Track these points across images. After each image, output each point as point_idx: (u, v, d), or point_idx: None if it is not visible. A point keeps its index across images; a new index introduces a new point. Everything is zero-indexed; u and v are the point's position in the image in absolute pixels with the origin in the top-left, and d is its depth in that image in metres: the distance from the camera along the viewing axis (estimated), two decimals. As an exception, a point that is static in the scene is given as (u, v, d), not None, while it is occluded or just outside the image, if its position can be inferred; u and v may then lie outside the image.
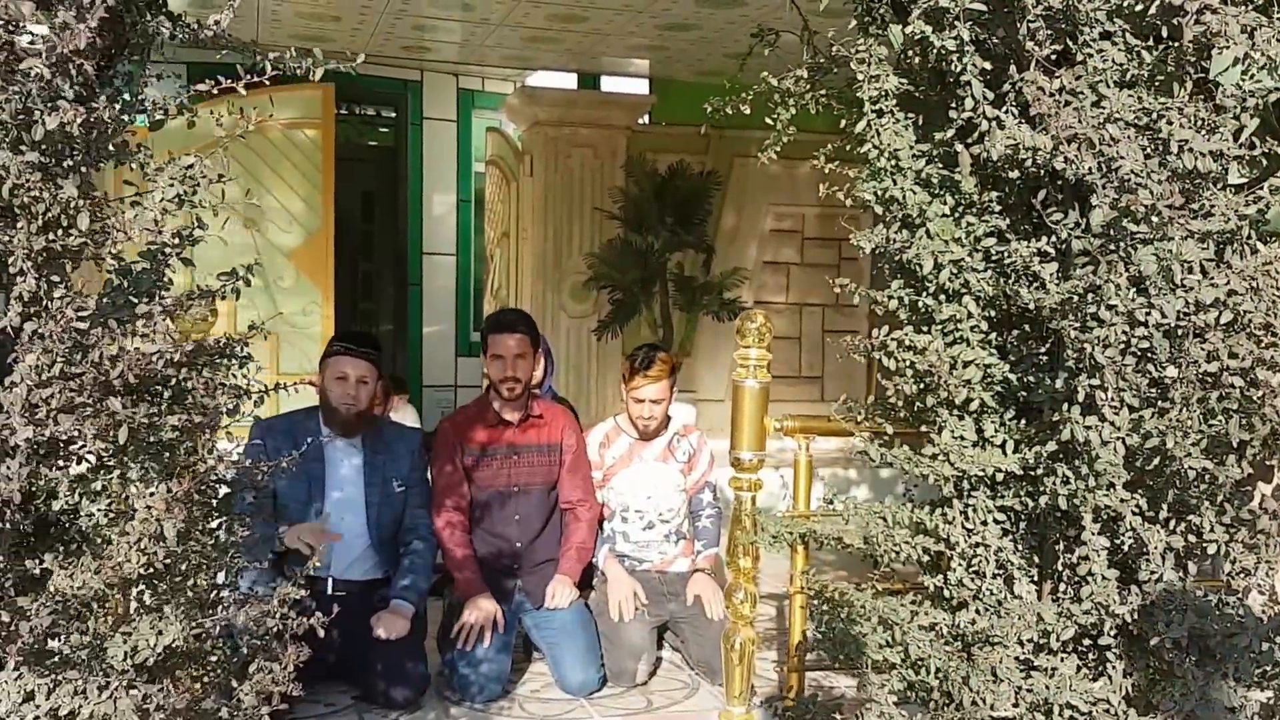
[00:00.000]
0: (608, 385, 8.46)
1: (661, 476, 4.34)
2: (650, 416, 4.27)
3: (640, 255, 7.69)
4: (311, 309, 8.00)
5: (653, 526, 4.36)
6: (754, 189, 8.66)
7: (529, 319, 4.25)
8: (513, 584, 4.20)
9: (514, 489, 4.17)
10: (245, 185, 7.81)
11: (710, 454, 4.46)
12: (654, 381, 4.23)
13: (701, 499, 4.48)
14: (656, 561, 4.38)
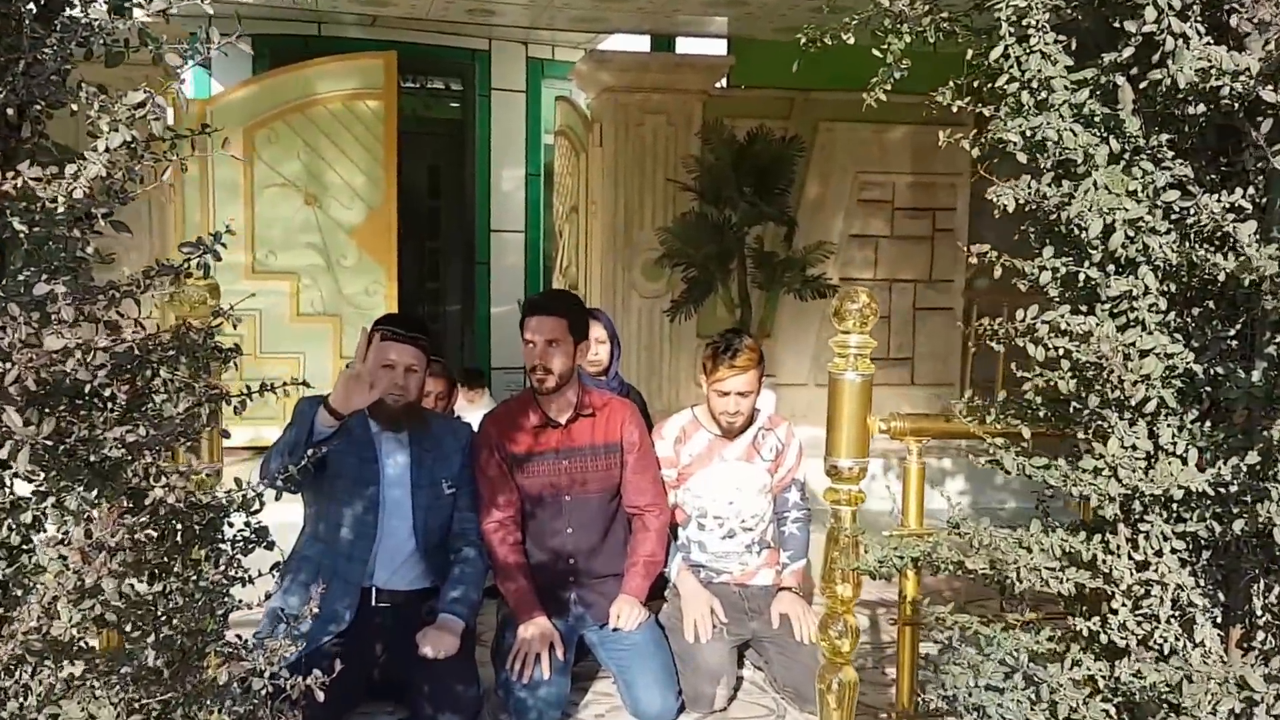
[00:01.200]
0: (680, 369, 7.89)
1: (745, 478, 3.74)
2: (736, 412, 3.68)
3: (716, 229, 7.09)
4: (375, 289, 7.54)
5: (733, 535, 3.77)
6: (840, 156, 8.01)
7: (570, 299, 3.68)
8: (569, 595, 3.65)
9: (566, 497, 3.60)
10: (306, 160, 7.38)
11: (799, 447, 3.85)
12: (741, 372, 3.63)
13: (786, 499, 3.88)
14: (736, 573, 3.78)
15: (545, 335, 3.45)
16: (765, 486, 3.76)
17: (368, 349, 3.27)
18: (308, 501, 3.42)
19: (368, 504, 3.28)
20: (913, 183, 8.20)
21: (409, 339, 3.39)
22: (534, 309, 3.52)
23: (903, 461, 3.34)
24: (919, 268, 8.30)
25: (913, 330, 8.33)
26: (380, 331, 3.37)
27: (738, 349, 3.64)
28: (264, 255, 7.38)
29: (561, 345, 3.46)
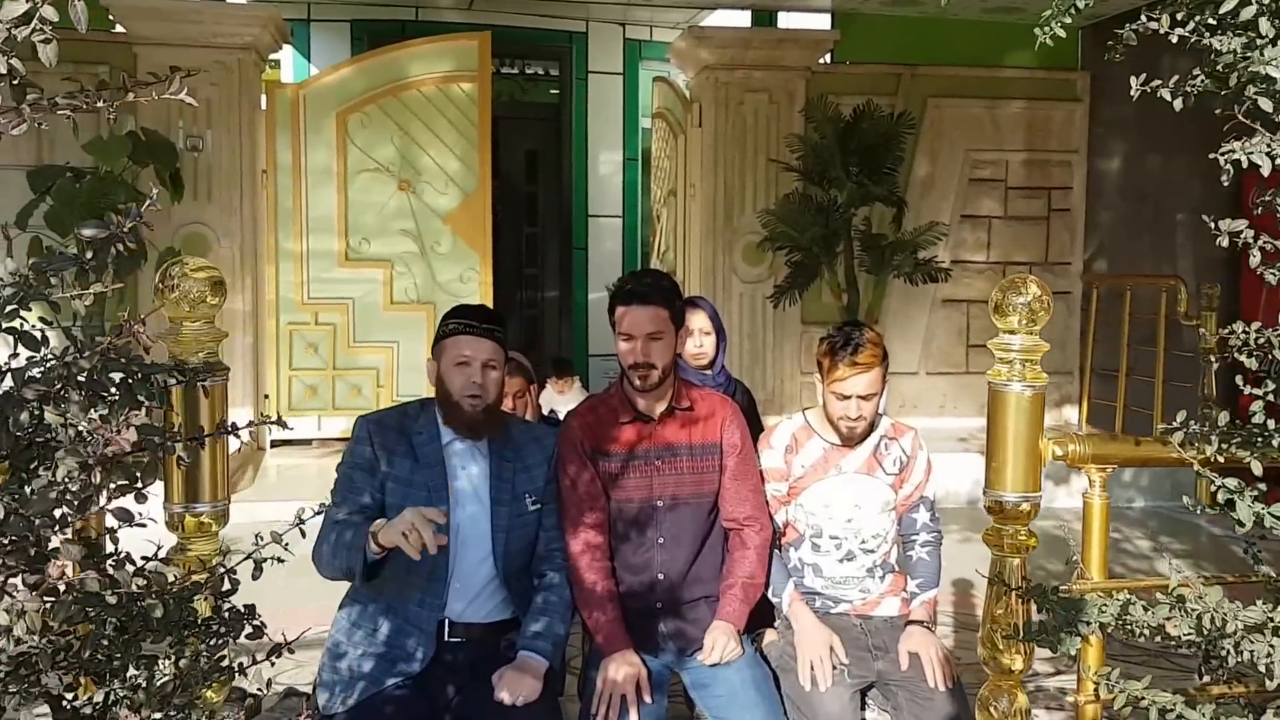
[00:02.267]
0: (784, 358, 7.49)
1: (866, 493, 3.20)
2: (858, 417, 3.11)
3: (822, 211, 6.68)
4: (469, 275, 7.28)
5: (853, 558, 3.22)
6: (950, 134, 7.52)
7: (667, 283, 3.12)
8: (660, 625, 3.11)
9: (657, 503, 3.09)
10: (399, 144, 7.15)
11: (928, 462, 3.33)
12: (863, 371, 3.06)
13: (914, 520, 3.31)
14: (857, 603, 3.21)
15: (646, 329, 3.01)
16: (889, 504, 3.22)
17: (438, 366, 2.89)
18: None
19: (440, 529, 2.80)
20: (1026, 160, 7.69)
21: (484, 332, 2.91)
22: (629, 298, 3.03)
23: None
24: (1034, 250, 7.78)
25: (1028, 316, 7.80)
26: (451, 325, 2.93)
27: (859, 344, 3.07)
28: (357, 242, 7.17)
29: (664, 338, 3.02)
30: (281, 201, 7.07)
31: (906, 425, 3.31)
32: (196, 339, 2.21)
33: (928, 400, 7.63)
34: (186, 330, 2.21)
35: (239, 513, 5.76)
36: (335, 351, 7.21)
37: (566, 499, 3.02)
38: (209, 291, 2.21)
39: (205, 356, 2.16)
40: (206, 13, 6.66)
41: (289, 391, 7.16)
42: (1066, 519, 6.15)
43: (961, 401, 7.68)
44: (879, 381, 3.09)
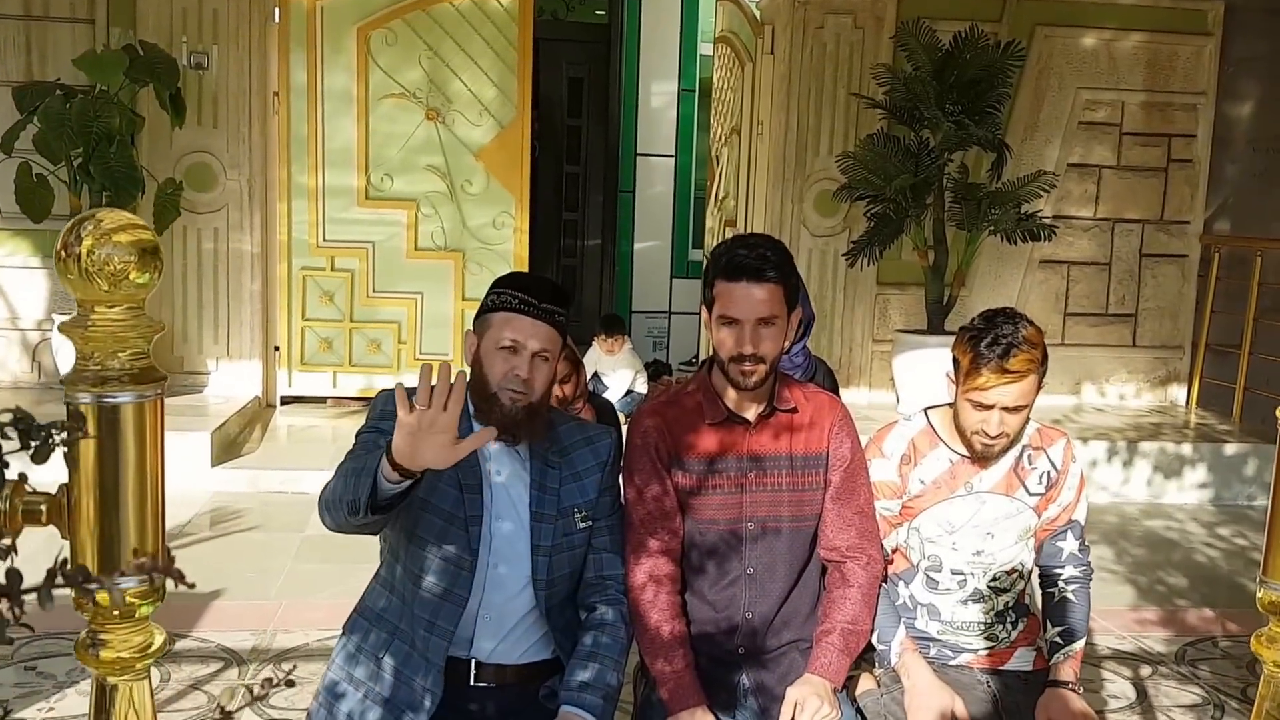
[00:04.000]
0: (854, 323, 7.00)
1: (1002, 519, 2.68)
2: (999, 435, 2.57)
3: (911, 155, 6.15)
4: (504, 220, 6.82)
5: (980, 599, 2.72)
6: (1059, 69, 6.96)
7: (784, 254, 2.55)
8: (740, 679, 2.62)
9: (748, 524, 2.59)
10: (428, 67, 6.67)
11: (1081, 477, 2.74)
12: (1015, 380, 2.50)
13: (1059, 549, 2.75)
14: (982, 653, 2.73)
15: (757, 313, 2.47)
16: (1028, 531, 2.70)
17: (478, 344, 2.37)
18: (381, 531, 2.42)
19: (465, 546, 2.33)
20: (1145, 102, 7.13)
21: (543, 314, 2.36)
22: (737, 271, 2.49)
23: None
24: (1148, 206, 7.22)
25: (1138, 280, 7.29)
26: (502, 297, 2.38)
27: (1013, 344, 2.49)
28: (379, 179, 6.72)
29: (777, 324, 2.50)
30: (295, 129, 6.61)
31: (1057, 430, 2.75)
32: (115, 335, 1.43)
33: (1019, 374, 7.11)
34: (99, 321, 1.43)
35: (242, 480, 5.46)
36: (353, 302, 6.78)
37: (632, 516, 2.53)
38: (135, 263, 1.38)
39: (129, 360, 1.36)
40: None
41: (301, 344, 6.75)
42: (1180, 519, 5.67)
43: (1055, 377, 7.13)
44: (1032, 391, 2.51)
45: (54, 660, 3.25)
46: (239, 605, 3.75)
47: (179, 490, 5.13)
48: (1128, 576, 4.66)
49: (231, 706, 3.04)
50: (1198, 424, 6.81)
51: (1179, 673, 3.59)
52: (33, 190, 5.68)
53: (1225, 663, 3.70)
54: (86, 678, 3.14)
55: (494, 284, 2.44)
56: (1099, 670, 3.58)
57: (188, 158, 6.30)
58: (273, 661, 3.28)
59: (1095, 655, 3.70)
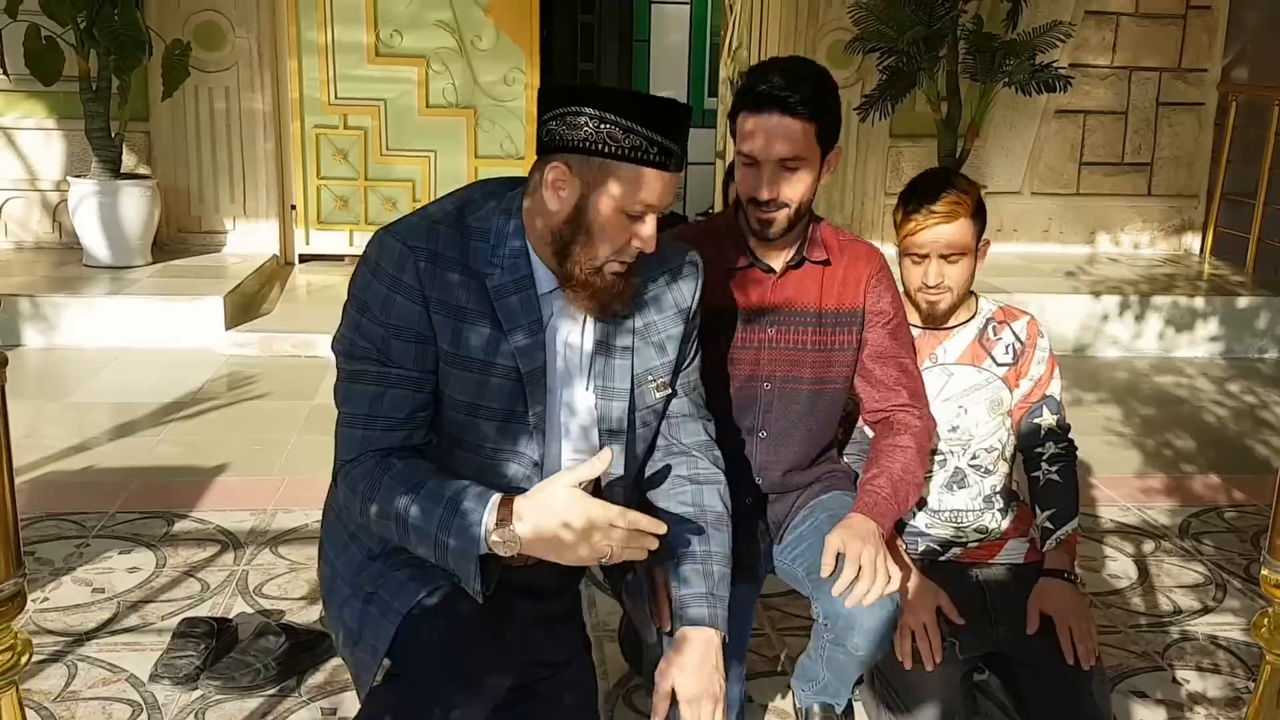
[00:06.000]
0: (866, 176, 6.62)
1: (971, 390, 2.46)
2: (938, 285, 2.35)
3: (924, 6, 5.68)
4: (514, 77, 6.41)
5: (964, 482, 2.47)
6: (1082, -88, 6.39)
7: (823, 84, 2.09)
8: (754, 555, 2.25)
9: (764, 385, 2.23)
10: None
11: (1051, 352, 2.51)
12: (943, 220, 2.30)
13: (1036, 426, 2.50)
14: (972, 545, 2.47)
15: (778, 152, 2.06)
16: (1001, 404, 2.47)
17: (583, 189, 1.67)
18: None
19: (529, 444, 1.77)
20: (1168, -54, 6.56)
21: (678, 165, 1.68)
22: (761, 101, 2.07)
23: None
24: (1166, 54, 6.72)
25: (1154, 129, 6.84)
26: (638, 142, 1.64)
27: (940, 189, 2.32)
28: (388, 35, 6.30)
29: (805, 165, 2.08)
30: (302, -14, 6.18)
31: (1020, 309, 2.53)
32: None
33: (1030, 224, 6.74)
34: None
35: (255, 343, 5.22)
36: (366, 160, 6.44)
37: None
38: None
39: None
40: None
41: (317, 203, 6.44)
42: (1190, 375, 5.38)
43: (1069, 227, 6.79)
44: (966, 237, 2.31)
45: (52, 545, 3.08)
46: (240, 482, 3.55)
47: (192, 354, 4.95)
48: (1135, 439, 4.40)
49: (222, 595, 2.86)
50: (1211, 275, 6.46)
51: (1182, 548, 3.36)
52: (42, 53, 5.34)
53: (1229, 536, 3.47)
54: (85, 563, 2.97)
55: (608, 105, 1.65)
56: (1101, 547, 3.35)
57: (196, 16, 5.91)
58: (269, 545, 3.10)
59: (1098, 530, 3.47)
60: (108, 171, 5.52)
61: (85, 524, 3.19)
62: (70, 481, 3.53)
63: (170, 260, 5.80)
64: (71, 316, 5.03)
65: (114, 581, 2.87)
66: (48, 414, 4.18)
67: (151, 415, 4.15)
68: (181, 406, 4.28)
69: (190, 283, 5.39)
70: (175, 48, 5.56)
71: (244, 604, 2.78)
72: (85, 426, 4.00)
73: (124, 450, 3.81)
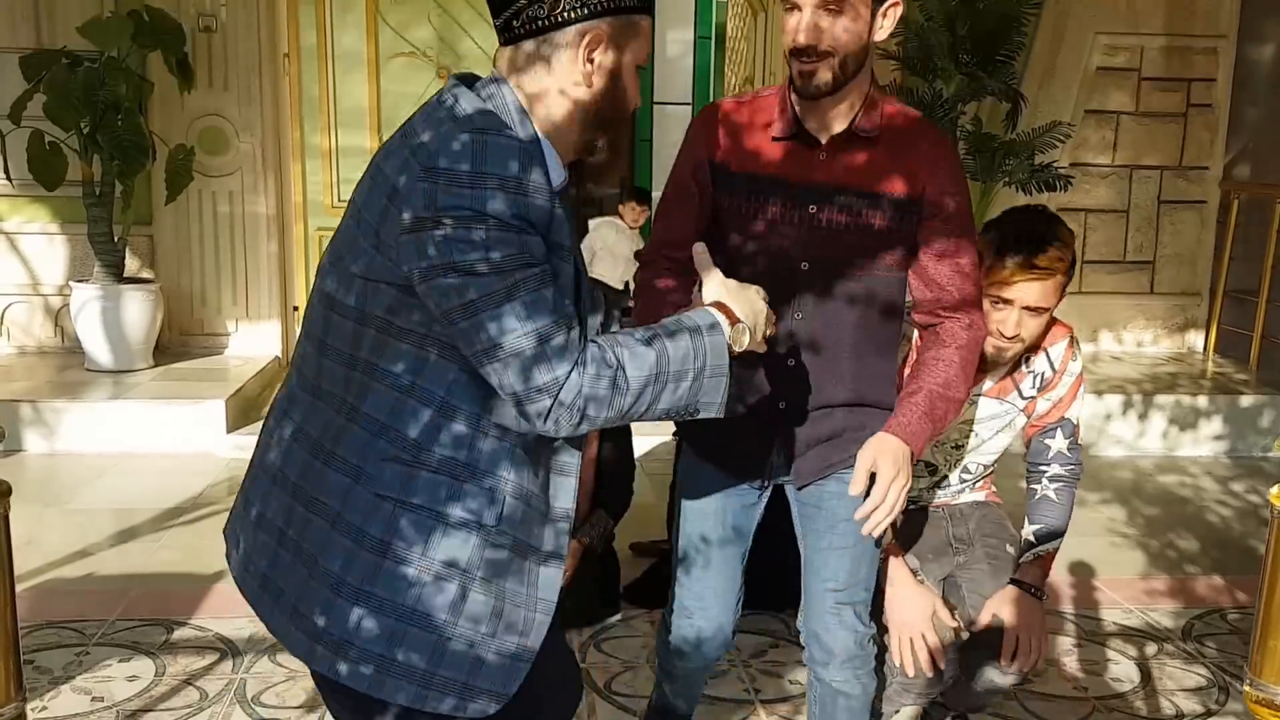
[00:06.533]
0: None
1: (989, 420, 2.49)
2: (1014, 337, 2.32)
3: (925, 106, 5.88)
4: (517, 174, 6.61)
5: (945, 484, 2.63)
6: (1077, 13, 6.62)
7: None
8: (769, 439, 2.17)
9: (802, 264, 2.06)
10: (438, 24, 6.44)
11: (1080, 376, 2.51)
12: (1040, 278, 2.25)
13: (1047, 447, 2.53)
14: (939, 499, 2.67)
15: None
16: (1010, 426, 2.54)
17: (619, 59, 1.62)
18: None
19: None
20: (1165, 47, 6.78)
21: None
22: None
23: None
24: (1167, 152, 6.92)
25: (1155, 227, 7.00)
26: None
27: (1045, 240, 2.25)
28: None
29: (853, 9, 1.92)
30: (306, 90, 6.43)
31: (1062, 325, 2.50)
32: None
33: (1034, 322, 6.88)
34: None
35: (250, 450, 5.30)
36: (369, 260, 6.62)
37: (656, 219, 2.15)
38: None
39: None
40: None
41: (319, 303, 6.61)
42: (1194, 474, 5.47)
43: (1073, 325, 6.90)
44: (1056, 294, 2.27)
45: (52, 653, 3.17)
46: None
47: (193, 459, 5.06)
48: (1139, 540, 4.48)
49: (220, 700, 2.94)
50: (1215, 373, 6.57)
51: (1185, 651, 3.43)
52: (45, 159, 5.53)
53: (1232, 638, 3.53)
54: (84, 671, 3.05)
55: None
56: (1104, 650, 3.42)
57: (200, 121, 6.13)
58: (267, 653, 3.18)
59: (1101, 633, 3.54)
60: (110, 276, 5.69)
61: (85, 631, 3.28)
62: (70, 589, 3.63)
63: (172, 363, 5.94)
64: (73, 421, 5.15)
65: (113, 690, 2.95)
66: (49, 520, 4.28)
67: (152, 521, 4.25)
68: (182, 512, 4.38)
69: (192, 386, 5.52)
70: (179, 153, 5.76)
71: (242, 713, 2.85)
72: (86, 532, 4.11)
73: (124, 556, 3.90)
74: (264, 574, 1.66)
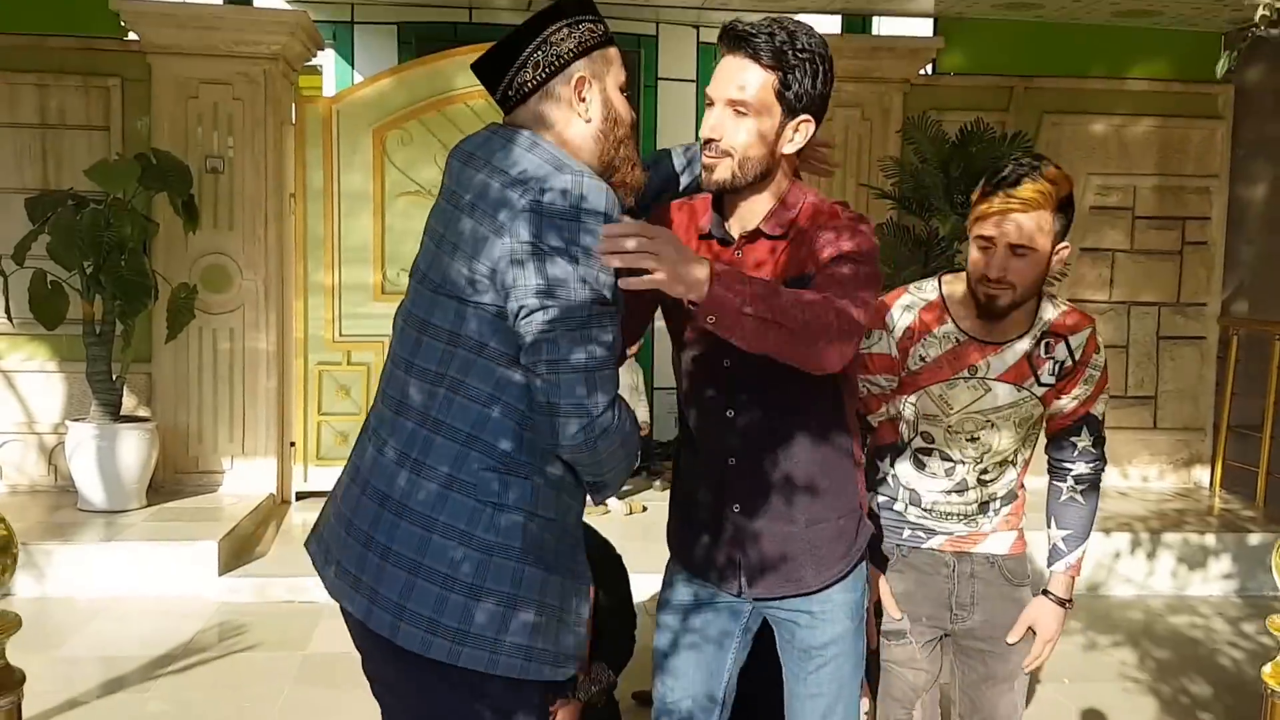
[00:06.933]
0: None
1: (1006, 408, 2.40)
2: (999, 279, 2.26)
3: (920, 244, 6.01)
4: (518, 310, 6.68)
5: (966, 490, 2.48)
6: (1069, 155, 6.79)
7: (804, 38, 2.03)
8: (725, 548, 2.18)
9: (723, 364, 2.10)
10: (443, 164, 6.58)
11: (1104, 368, 2.44)
12: (1022, 210, 2.22)
13: (1071, 445, 2.48)
14: (957, 536, 2.52)
15: (727, 92, 2.01)
16: (1030, 419, 2.44)
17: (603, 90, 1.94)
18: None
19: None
20: (1158, 186, 6.96)
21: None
22: (725, 40, 2.04)
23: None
24: (1164, 289, 7.03)
25: (1156, 363, 7.07)
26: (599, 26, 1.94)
27: (1025, 174, 2.22)
28: (395, 274, 6.62)
29: (756, 115, 2.00)
30: (311, 229, 6.54)
31: (1084, 316, 2.44)
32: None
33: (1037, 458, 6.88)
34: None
35: (249, 589, 5.29)
36: (369, 394, 6.66)
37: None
38: None
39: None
40: (228, 19, 6.15)
41: (317, 439, 6.64)
42: (1205, 614, 5.42)
43: (1076, 460, 6.95)
44: (1042, 233, 2.23)
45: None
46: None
47: (184, 602, 5.01)
48: (1151, 686, 4.43)
49: None
50: (1222, 509, 6.56)
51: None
52: (47, 298, 5.60)
53: (1250, 796, 3.47)
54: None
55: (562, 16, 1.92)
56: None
57: (204, 259, 6.23)
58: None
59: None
60: (107, 414, 5.71)
61: (70, 790, 3.22)
62: None
63: (165, 502, 5.92)
64: (63, 564, 5.12)
65: None
66: (36, 668, 4.19)
67: (141, 669, 4.20)
68: (172, 660, 4.33)
69: (184, 527, 5.49)
70: (181, 291, 5.84)
71: None
72: (74, 682, 4.05)
73: (113, 708, 3.85)
74: (355, 576, 1.87)
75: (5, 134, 6.14)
